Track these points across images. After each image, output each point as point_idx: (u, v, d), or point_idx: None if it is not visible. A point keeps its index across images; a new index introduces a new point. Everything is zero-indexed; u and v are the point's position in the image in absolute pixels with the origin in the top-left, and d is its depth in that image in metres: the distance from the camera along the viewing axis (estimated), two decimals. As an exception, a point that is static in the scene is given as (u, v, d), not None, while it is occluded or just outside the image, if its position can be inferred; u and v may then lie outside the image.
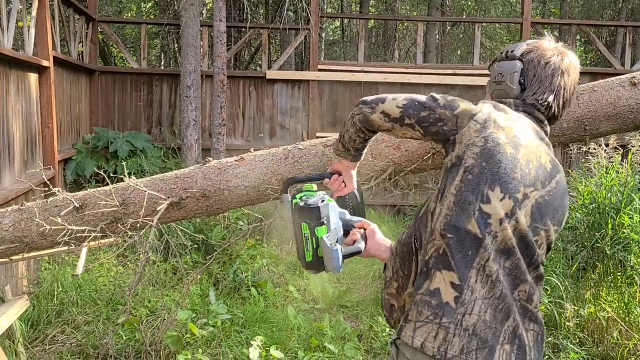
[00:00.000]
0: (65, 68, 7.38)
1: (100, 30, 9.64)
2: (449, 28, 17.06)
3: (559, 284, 4.66)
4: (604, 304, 4.51)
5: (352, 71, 9.51)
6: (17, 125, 5.44)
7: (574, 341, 4.38)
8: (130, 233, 2.96)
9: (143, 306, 5.06)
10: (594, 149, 5.28)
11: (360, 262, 6.89)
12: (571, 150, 7.06)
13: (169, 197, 2.81)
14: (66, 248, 3.03)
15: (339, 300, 5.51)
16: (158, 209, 2.80)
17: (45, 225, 2.85)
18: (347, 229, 1.99)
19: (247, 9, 10.07)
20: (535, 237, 1.72)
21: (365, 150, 2.09)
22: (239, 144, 9.26)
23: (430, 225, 1.75)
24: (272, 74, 9.38)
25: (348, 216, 2.03)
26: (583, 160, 6.00)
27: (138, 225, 2.89)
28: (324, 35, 16.98)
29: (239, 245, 6.57)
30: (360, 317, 5.19)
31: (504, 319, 1.66)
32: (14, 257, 3.04)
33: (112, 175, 7.37)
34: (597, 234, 4.72)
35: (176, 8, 9.61)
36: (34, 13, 6.15)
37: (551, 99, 1.83)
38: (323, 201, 1.92)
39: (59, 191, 2.97)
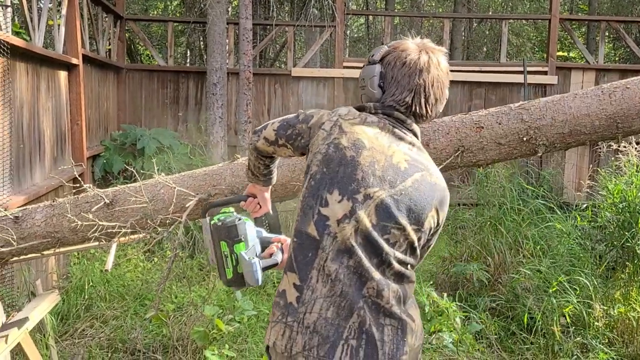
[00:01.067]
0: (94, 65, 7.47)
1: (127, 28, 9.73)
2: (475, 25, 16.90)
3: (587, 283, 4.60)
4: (634, 303, 4.45)
5: (377, 68, 9.46)
6: (47, 122, 5.52)
7: (603, 341, 4.32)
8: (158, 229, 2.99)
9: (170, 301, 5.11)
10: (624, 146, 5.21)
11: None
12: (600, 148, 6.97)
13: (197, 194, 2.84)
14: (96, 243, 3.07)
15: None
16: (187, 205, 2.83)
17: (76, 220, 2.90)
18: (265, 245, 2.07)
19: (272, 6, 10.09)
20: (385, 236, 1.76)
21: (274, 174, 2.18)
22: (264, 141, 9.26)
23: (297, 221, 1.85)
24: (297, 71, 9.39)
25: (265, 233, 2.12)
26: (612, 159, 5.91)
27: (167, 222, 2.92)
28: (348, 32, 16.95)
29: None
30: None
31: (347, 315, 1.72)
32: (45, 252, 3.09)
33: (139, 171, 7.47)
34: (626, 233, 4.65)
35: (202, 6, 9.66)
36: (64, 11, 6.23)
37: (409, 98, 1.85)
38: (239, 219, 2.00)
39: (89, 187, 3.01)
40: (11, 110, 4.28)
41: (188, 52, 16.68)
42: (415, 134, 1.89)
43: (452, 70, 7.16)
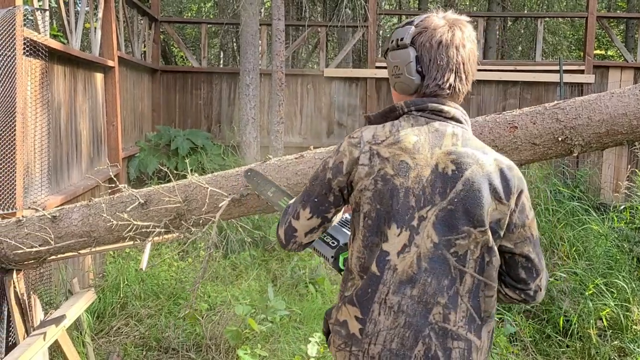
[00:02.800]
0: (129, 67, 7.58)
1: (161, 30, 9.86)
2: (510, 23, 16.70)
3: (625, 285, 4.51)
4: (673, 307, 4.35)
5: (410, 68, 9.41)
6: (84, 124, 5.62)
7: (641, 345, 4.24)
8: (192, 229, 3.02)
9: (203, 301, 5.16)
10: (664, 146, 5.09)
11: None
12: (638, 148, 6.82)
13: (230, 194, 2.85)
14: (131, 243, 3.11)
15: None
16: (220, 205, 2.84)
17: (112, 220, 2.94)
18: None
19: (305, 6, 10.11)
20: (451, 250, 1.70)
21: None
22: (297, 142, 9.31)
23: (349, 262, 1.84)
24: (329, 72, 9.40)
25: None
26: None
27: (200, 222, 2.94)
28: (381, 32, 16.88)
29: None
30: (418, 316, 5.14)
31: (412, 345, 1.70)
32: (82, 251, 3.14)
33: (173, 171, 7.56)
34: (666, 235, 4.55)
35: (235, 7, 9.73)
36: (100, 14, 6.34)
37: (452, 79, 1.77)
38: None
39: (124, 187, 3.05)
40: (49, 112, 4.36)
41: (221, 53, 16.82)
42: (456, 119, 1.79)
43: (486, 70, 7.15)
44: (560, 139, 2.61)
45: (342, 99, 9.50)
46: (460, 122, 1.79)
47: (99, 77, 6.15)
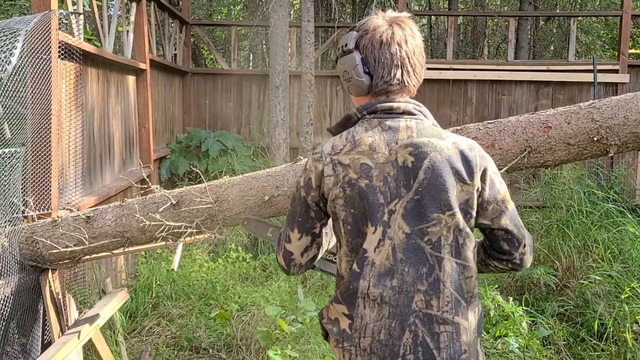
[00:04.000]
0: (160, 70, 7.66)
1: (192, 32, 9.95)
2: (542, 23, 16.48)
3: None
4: None
5: (440, 69, 9.36)
6: (117, 126, 5.70)
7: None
8: (223, 230, 3.04)
9: (234, 301, 5.18)
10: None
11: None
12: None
13: (260, 195, 2.86)
14: (163, 243, 3.14)
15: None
16: (250, 206, 2.86)
17: (144, 220, 2.97)
18: None
19: (334, 8, 10.11)
20: (426, 237, 1.77)
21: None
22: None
23: (337, 268, 1.93)
24: (359, 73, 9.37)
25: None
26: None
27: (232, 222, 2.96)
28: (410, 33, 16.78)
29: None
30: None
31: (399, 334, 1.77)
32: (115, 251, 3.19)
33: (203, 173, 7.62)
34: None
35: (265, 10, 9.78)
36: (132, 18, 6.42)
37: (399, 73, 1.85)
38: None
39: (156, 188, 3.08)
40: (83, 114, 4.43)
41: (251, 55, 16.91)
42: (409, 113, 1.86)
43: (517, 70, 7.06)
44: (595, 138, 2.57)
45: (371, 100, 9.46)
46: (414, 114, 1.87)
47: (131, 79, 6.22)
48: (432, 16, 17.72)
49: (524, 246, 1.88)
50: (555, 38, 16.51)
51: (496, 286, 5.01)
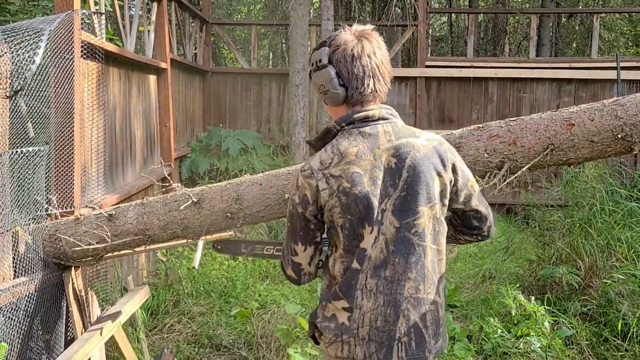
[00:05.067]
0: (181, 69, 7.71)
1: (212, 32, 9.99)
2: (564, 20, 16.31)
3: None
4: None
5: (461, 67, 9.31)
6: (138, 124, 5.74)
7: None
8: (243, 228, 3.05)
9: (254, 299, 5.20)
10: None
11: (469, 262, 6.75)
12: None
13: (281, 193, 2.87)
14: (184, 241, 3.16)
15: (447, 299, 5.41)
16: (271, 204, 2.86)
17: (165, 218, 2.99)
18: None
19: (354, 6, 10.10)
20: (413, 229, 1.95)
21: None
22: (346, 142, 9.29)
23: (328, 270, 2.07)
24: (378, 71, 9.34)
25: None
26: None
27: (252, 220, 2.97)
28: (430, 31, 16.72)
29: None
30: (470, 317, 5.07)
31: (394, 320, 1.95)
32: (137, 249, 3.21)
33: (223, 171, 7.65)
34: None
35: (284, 8, 9.79)
36: (153, 17, 6.46)
37: (371, 83, 2.00)
38: None
39: (178, 186, 3.10)
40: (105, 113, 4.47)
41: (270, 54, 16.95)
42: (384, 118, 2.01)
43: (539, 67, 6.98)
44: (619, 136, 2.53)
45: (391, 98, 9.44)
46: (388, 119, 2.02)
47: (152, 79, 6.27)
48: (452, 14, 17.61)
49: (490, 220, 2.16)
50: (577, 35, 16.33)
51: (517, 285, 4.97)
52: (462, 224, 2.17)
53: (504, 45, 15.60)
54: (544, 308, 4.44)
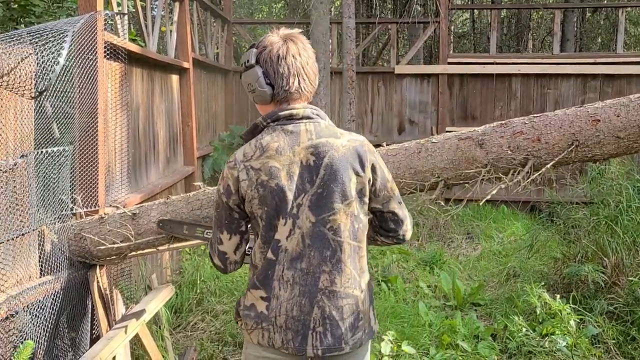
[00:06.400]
0: (202, 68, 7.75)
1: (234, 31, 10.02)
2: (589, 14, 16.09)
3: None
4: None
5: (484, 63, 9.24)
6: (161, 124, 5.78)
7: None
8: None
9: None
10: None
11: (493, 260, 6.70)
12: None
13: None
14: (207, 239, 3.17)
15: (471, 298, 5.38)
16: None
17: (188, 217, 3.01)
18: None
19: (375, 3, 10.06)
20: (328, 225, 2.04)
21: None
22: (368, 139, 9.23)
23: (251, 259, 2.18)
24: (400, 69, 9.32)
25: None
26: None
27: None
28: (452, 27, 16.61)
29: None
30: (494, 316, 5.03)
31: (309, 310, 2.04)
32: (160, 247, 3.23)
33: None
34: None
35: (305, 7, 9.80)
36: (175, 17, 6.50)
37: (296, 82, 2.10)
38: None
39: (200, 185, 3.11)
40: (128, 113, 4.51)
41: (292, 53, 16.94)
42: (307, 117, 2.10)
43: (563, 63, 6.87)
44: (646, 131, 2.49)
45: (413, 95, 9.40)
46: (312, 118, 2.11)
47: (174, 78, 6.31)
48: (475, 10, 17.46)
49: (407, 225, 2.23)
50: (602, 30, 16.12)
51: (542, 284, 4.92)
52: (380, 226, 2.24)
53: (528, 41, 15.46)
54: (570, 306, 4.39)
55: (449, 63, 9.26)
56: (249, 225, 2.19)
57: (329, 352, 2.06)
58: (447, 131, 8.77)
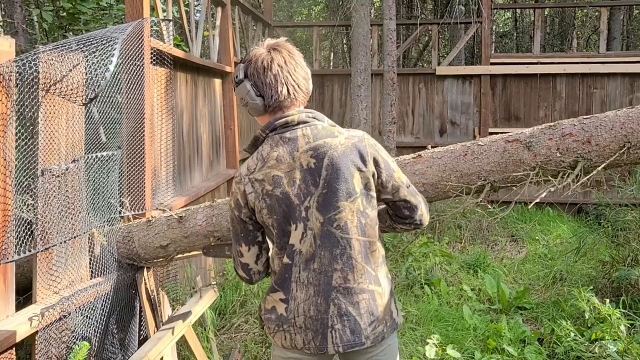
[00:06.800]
0: (245, 72, 7.79)
1: (274, 34, 10.08)
2: (636, 12, 15.69)
3: None
4: None
5: (527, 63, 9.10)
6: (204, 128, 5.85)
7: None
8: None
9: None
10: None
11: (538, 263, 6.59)
12: None
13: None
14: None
15: (516, 301, 5.29)
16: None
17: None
18: None
19: (416, 5, 10.01)
20: (335, 223, 2.07)
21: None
22: (409, 141, 9.23)
23: (270, 266, 2.25)
24: (441, 70, 9.24)
25: None
26: None
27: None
28: (494, 27, 16.39)
29: (411, 242, 6.56)
30: (541, 320, 4.94)
31: (325, 309, 2.08)
32: (206, 250, 3.27)
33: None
34: None
35: (346, 9, 9.80)
36: (217, 22, 6.58)
37: (285, 90, 2.14)
38: None
39: (245, 188, 3.14)
40: (173, 117, 4.58)
41: (331, 55, 16.98)
42: (303, 122, 2.14)
43: (610, 62, 6.72)
44: (702, 132, 2.42)
45: (455, 97, 9.32)
46: (307, 122, 2.15)
47: (217, 82, 6.38)
48: (517, 10, 17.20)
49: (421, 209, 2.26)
50: (650, 27, 15.69)
51: (591, 287, 4.81)
52: (395, 214, 2.28)
53: (572, 39, 15.15)
54: (620, 311, 4.28)
55: (492, 63, 9.14)
56: (265, 235, 2.26)
57: (350, 347, 2.09)
58: (490, 133, 8.69)
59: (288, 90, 2.15)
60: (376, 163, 2.14)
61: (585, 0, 10.75)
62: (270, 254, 2.25)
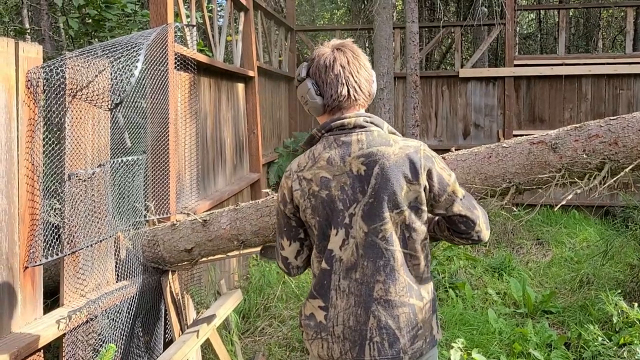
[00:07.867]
0: (267, 76, 7.85)
1: (296, 39, 10.11)
2: (662, 11, 15.46)
3: None
4: None
5: (552, 64, 9.01)
6: (228, 132, 5.89)
7: None
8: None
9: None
10: None
11: (564, 266, 6.51)
12: None
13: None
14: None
15: (542, 305, 5.23)
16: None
17: (257, 224, 3.05)
18: None
19: (439, 7, 9.97)
20: (380, 235, 2.04)
21: None
22: (432, 144, 9.18)
23: (312, 266, 2.22)
24: (465, 72, 9.19)
25: None
26: None
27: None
28: (518, 28, 16.26)
29: (435, 245, 6.52)
30: (567, 324, 4.88)
31: (365, 320, 2.04)
32: (230, 253, 3.29)
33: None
34: None
35: (368, 13, 9.79)
36: (240, 27, 6.62)
37: (344, 91, 2.11)
38: None
39: (268, 192, 3.15)
40: (197, 122, 4.61)
41: (354, 58, 16.95)
42: (360, 126, 2.10)
43: (636, 62, 6.63)
44: None
45: (478, 99, 9.26)
46: (364, 127, 2.11)
47: (240, 87, 6.41)
48: (542, 11, 17.04)
49: (479, 225, 2.17)
50: (678, 27, 15.42)
51: (619, 291, 4.74)
52: (451, 228, 2.22)
53: (598, 40, 14.97)
54: (649, 315, 4.21)
55: (516, 65, 9.07)
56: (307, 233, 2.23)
57: None
58: (514, 135, 8.61)
59: (348, 91, 2.12)
60: (429, 176, 2.07)
61: (611, 0, 10.61)
62: (312, 256, 2.22)
